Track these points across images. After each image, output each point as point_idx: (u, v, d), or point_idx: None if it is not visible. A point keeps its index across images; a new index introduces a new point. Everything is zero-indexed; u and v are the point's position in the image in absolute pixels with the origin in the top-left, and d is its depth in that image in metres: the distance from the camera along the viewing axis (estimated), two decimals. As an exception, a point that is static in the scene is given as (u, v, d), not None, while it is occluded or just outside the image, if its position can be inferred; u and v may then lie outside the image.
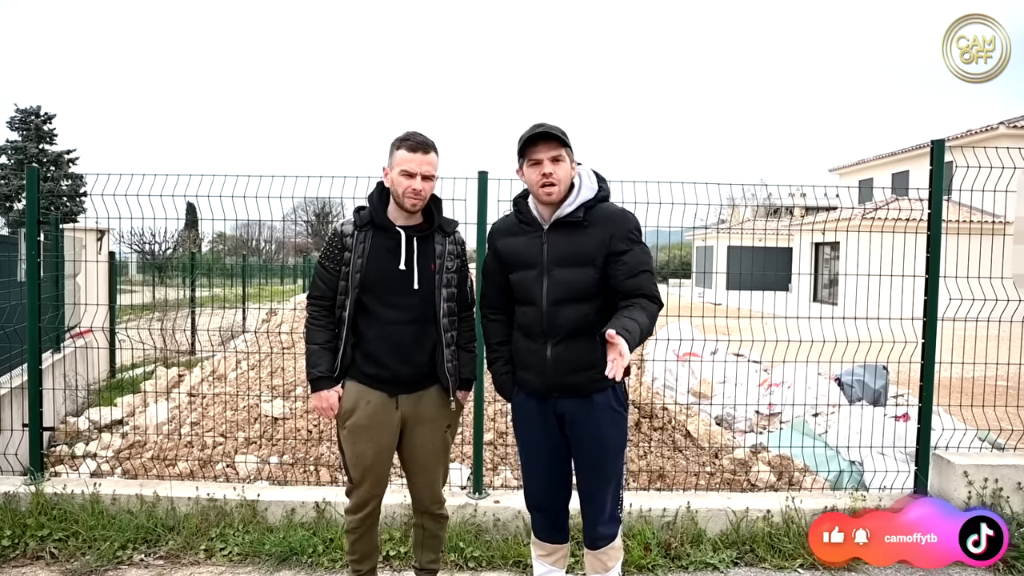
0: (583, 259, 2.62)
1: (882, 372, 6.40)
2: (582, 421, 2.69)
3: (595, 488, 2.76)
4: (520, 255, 2.71)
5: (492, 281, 2.87)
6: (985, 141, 20.02)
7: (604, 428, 2.69)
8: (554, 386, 2.68)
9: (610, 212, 2.69)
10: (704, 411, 6.13)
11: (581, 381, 2.65)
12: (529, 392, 2.77)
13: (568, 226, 2.66)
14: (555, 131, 2.61)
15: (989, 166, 4.15)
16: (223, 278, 12.53)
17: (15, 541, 3.80)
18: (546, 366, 2.66)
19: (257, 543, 3.80)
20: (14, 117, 39.93)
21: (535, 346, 2.68)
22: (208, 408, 5.86)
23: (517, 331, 2.79)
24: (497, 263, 2.83)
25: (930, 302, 4.15)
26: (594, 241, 2.62)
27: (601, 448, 2.71)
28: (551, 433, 2.75)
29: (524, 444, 2.86)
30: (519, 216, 2.77)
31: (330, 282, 2.86)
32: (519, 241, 2.74)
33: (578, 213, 2.65)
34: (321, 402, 2.86)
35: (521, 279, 2.71)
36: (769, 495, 4.29)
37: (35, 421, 4.29)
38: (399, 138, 2.81)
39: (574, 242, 2.64)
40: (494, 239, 2.87)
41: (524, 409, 2.81)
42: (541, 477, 2.84)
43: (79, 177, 38.23)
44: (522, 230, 2.75)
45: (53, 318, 5.56)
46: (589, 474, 2.76)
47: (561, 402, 2.70)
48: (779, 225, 5.97)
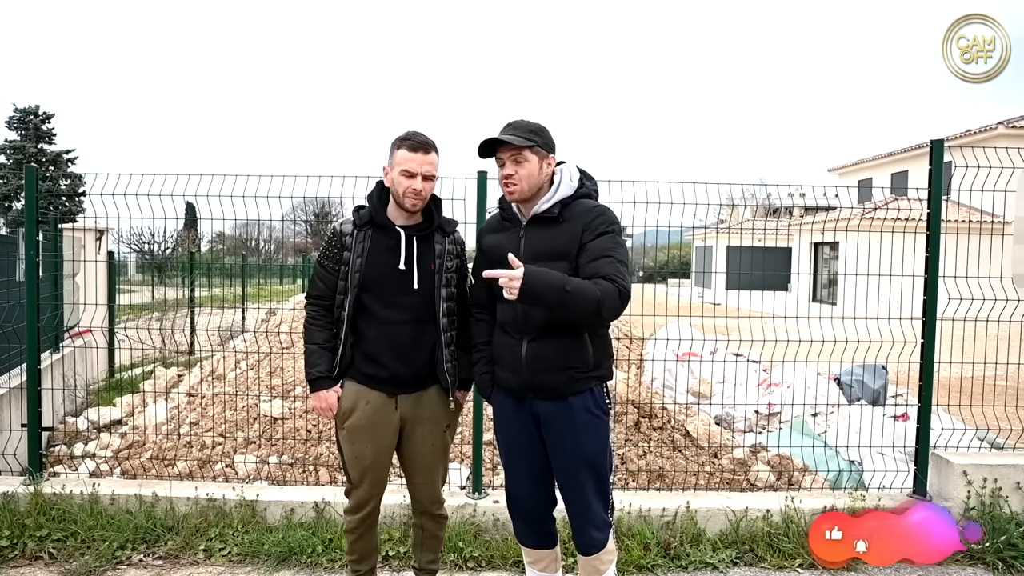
0: (557, 253, 2.60)
1: (881, 372, 6.40)
2: (558, 424, 2.65)
3: (573, 494, 2.72)
4: (500, 250, 2.66)
5: (479, 280, 2.86)
6: (984, 141, 20.03)
7: (581, 432, 2.64)
8: (529, 385, 2.65)
9: (586, 207, 2.67)
10: (703, 411, 6.13)
11: (556, 381, 2.62)
12: (507, 392, 2.76)
13: (544, 221, 2.67)
14: (510, 138, 2.59)
15: (988, 166, 4.15)
16: (222, 278, 12.49)
17: (14, 541, 3.80)
18: (521, 364, 2.64)
19: (256, 543, 3.80)
20: (13, 117, 39.82)
21: (511, 342, 2.68)
22: (207, 408, 5.86)
23: (497, 328, 2.79)
24: (484, 260, 2.82)
25: (929, 302, 4.15)
26: (567, 235, 2.61)
27: (578, 453, 2.66)
28: (528, 435, 2.73)
29: (503, 446, 2.85)
30: (502, 213, 2.81)
31: (329, 282, 2.85)
32: (500, 236, 2.76)
33: (554, 209, 2.66)
34: (320, 402, 2.86)
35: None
36: (768, 495, 4.30)
37: (34, 421, 4.29)
38: (400, 138, 2.80)
39: (549, 236, 2.64)
40: (480, 236, 2.91)
41: (502, 409, 2.80)
42: (520, 480, 2.81)
43: (78, 177, 38.15)
44: (503, 226, 2.78)
45: (52, 318, 5.55)
46: (566, 479, 2.72)
47: (537, 403, 2.68)
48: (778, 225, 5.97)
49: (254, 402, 5.66)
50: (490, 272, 2.46)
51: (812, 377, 6.20)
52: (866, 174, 27.30)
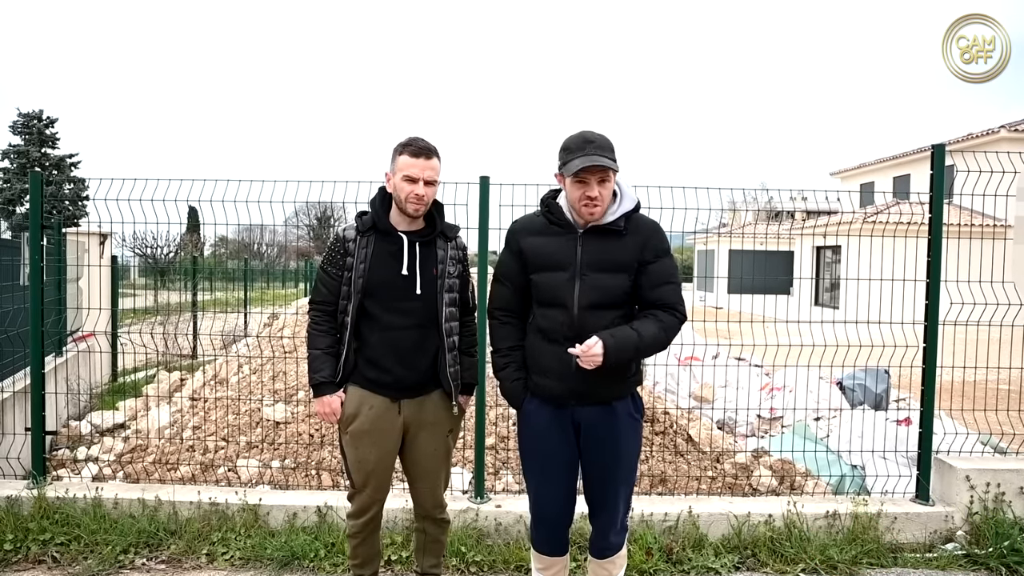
0: (619, 266, 2.62)
1: (883, 376, 6.40)
2: (602, 430, 2.66)
3: (609, 498, 2.72)
4: (550, 255, 2.66)
5: (510, 282, 2.80)
6: (986, 145, 20.01)
7: (623, 437, 2.67)
8: (576, 392, 2.64)
9: (646, 223, 2.74)
10: (706, 415, 6.13)
11: (603, 388, 2.63)
12: (545, 399, 2.71)
13: (605, 232, 2.64)
14: (609, 163, 2.55)
15: (990, 170, 4.15)
16: (225, 282, 12.54)
17: (17, 545, 3.80)
18: (571, 372, 2.60)
19: (259, 547, 3.80)
20: (17, 121, 39.99)
21: (560, 351, 2.61)
22: (210, 412, 5.87)
23: (535, 334, 2.73)
24: (518, 263, 2.75)
25: (931, 306, 4.15)
26: (629, 249, 2.63)
27: (618, 457, 2.68)
28: (567, 442, 2.71)
29: (536, 454, 2.78)
30: (549, 216, 2.72)
31: (332, 287, 2.86)
32: (549, 241, 2.69)
33: (619, 222, 2.65)
34: (323, 407, 2.87)
35: (548, 280, 2.66)
36: (771, 499, 4.29)
37: (37, 425, 4.30)
38: (401, 143, 2.82)
39: (610, 248, 2.63)
40: (517, 237, 2.78)
41: (537, 417, 2.74)
42: (555, 491, 2.77)
43: (81, 181, 38.30)
44: (552, 230, 2.70)
45: (56, 322, 5.57)
46: (604, 484, 2.71)
47: (580, 410, 2.67)
48: (780, 229, 5.98)
49: (257, 406, 5.67)
50: (573, 350, 2.52)
51: (814, 381, 6.20)
52: (868, 178, 27.28)
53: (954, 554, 3.87)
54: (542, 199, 2.81)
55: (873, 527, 3.96)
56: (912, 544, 3.98)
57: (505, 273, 2.82)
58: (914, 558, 3.87)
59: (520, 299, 2.79)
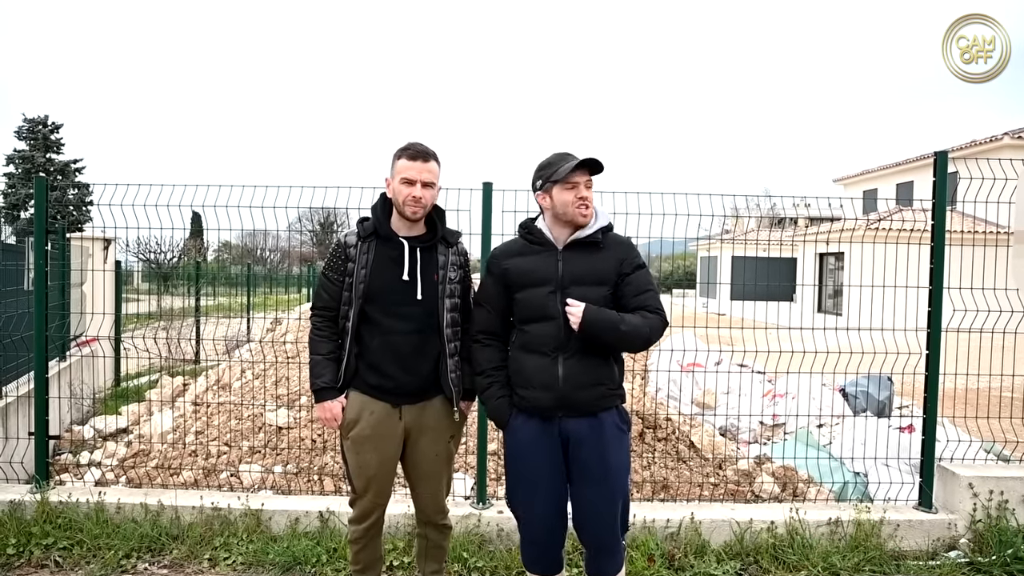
0: (600, 278, 2.73)
1: (886, 383, 6.38)
2: (589, 441, 2.68)
3: (597, 516, 2.72)
4: (532, 273, 2.75)
5: (491, 306, 2.87)
6: (989, 152, 20.01)
7: (610, 448, 2.70)
8: (563, 402, 2.67)
9: (620, 239, 2.88)
10: (708, 422, 6.11)
11: (591, 397, 2.68)
12: (531, 413, 2.74)
13: (584, 246, 2.76)
14: (600, 160, 2.73)
15: (992, 177, 4.15)
16: (228, 287, 12.56)
17: (20, 549, 3.81)
18: (557, 381, 2.66)
19: (261, 552, 3.81)
20: (22, 127, 40.14)
21: (545, 362, 2.69)
22: (212, 417, 5.88)
23: (519, 350, 2.78)
24: (499, 286, 2.83)
25: (934, 313, 4.14)
26: (609, 262, 2.76)
27: (605, 469, 2.69)
28: (554, 457, 2.72)
29: (522, 470, 2.78)
30: (529, 238, 2.84)
31: (334, 293, 2.88)
32: (530, 260, 2.79)
33: (597, 235, 2.78)
34: (325, 412, 2.88)
35: (532, 296, 2.74)
36: (773, 506, 4.28)
37: (40, 429, 4.31)
38: (400, 148, 2.86)
39: (591, 261, 2.75)
40: (499, 260, 2.86)
41: (524, 432, 2.76)
42: (542, 505, 2.77)
43: (85, 186, 38.41)
44: (532, 250, 2.81)
45: (59, 327, 5.59)
46: (591, 499, 2.71)
47: (567, 423, 2.69)
48: (783, 235, 5.98)
49: (259, 411, 5.67)
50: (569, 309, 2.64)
51: (817, 388, 6.17)
52: (871, 184, 27.28)
53: (957, 562, 3.85)
54: (521, 224, 2.93)
55: (876, 534, 3.95)
56: (915, 552, 3.97)
57: (486, 297, 2.89)
58: (917, 566, 3.86)
59: (501, 322, 2.88)
